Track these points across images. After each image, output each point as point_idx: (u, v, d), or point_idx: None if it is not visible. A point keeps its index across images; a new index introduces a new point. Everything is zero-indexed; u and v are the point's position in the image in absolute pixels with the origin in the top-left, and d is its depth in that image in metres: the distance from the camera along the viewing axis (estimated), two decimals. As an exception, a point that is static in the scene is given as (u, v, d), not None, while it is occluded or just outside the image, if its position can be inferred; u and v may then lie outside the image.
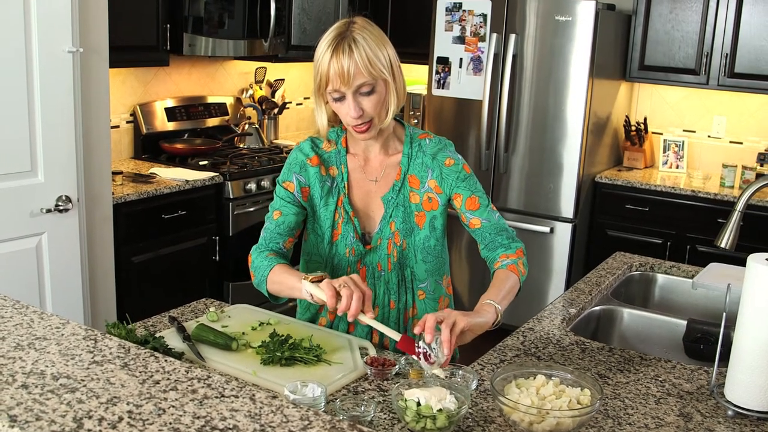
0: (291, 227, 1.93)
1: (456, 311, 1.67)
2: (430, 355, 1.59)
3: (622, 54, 4.61)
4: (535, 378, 1.62)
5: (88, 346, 1.32)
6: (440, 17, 4.51)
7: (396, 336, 1.65)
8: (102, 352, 1.30)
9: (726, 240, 2.10)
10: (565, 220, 4.42)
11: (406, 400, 1.49)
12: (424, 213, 1.93)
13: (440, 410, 1.46)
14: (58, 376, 1.21)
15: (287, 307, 4.27)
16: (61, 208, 2.89)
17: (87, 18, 2.94)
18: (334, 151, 1.95)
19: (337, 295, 1.64)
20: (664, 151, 4.77)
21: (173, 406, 1.12)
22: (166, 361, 1.27)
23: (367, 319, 1.65)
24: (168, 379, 1.21)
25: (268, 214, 1.97)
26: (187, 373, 1.23)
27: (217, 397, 1.16)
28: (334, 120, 1.92)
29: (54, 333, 1.37)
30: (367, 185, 1.94)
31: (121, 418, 1.09)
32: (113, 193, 3.28)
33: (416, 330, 1.61)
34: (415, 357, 1.62)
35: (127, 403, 1.13)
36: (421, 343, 1.60)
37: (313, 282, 1.71)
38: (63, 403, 1.12)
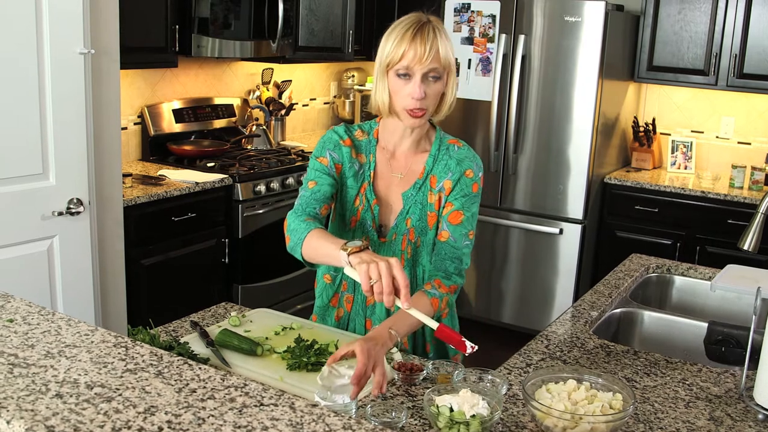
0: (326, 196, 1.93)
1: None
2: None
3: (630, 55, 4.59)
4: (565, 383, 1.60)
5: (119, 353, 1.30)
6: (449, 18, 4.49)
7: (434, 324, 1.59)
8: (134, 359, 1.28)
9: (749, 242, 2.09)
10: (575, 221, 4.40)
11: (438, 407, 1.47)
12: (435, 213, 1.96)
13: (473, 416, 1.44)
14: (92, 384, 1.19)
15: (311, 303, 4.24)
16: (72, 210, 2.87)
17: (98, 19, 2.91)
18: (365, 140, 1.99)
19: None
20: (673, 152, 4.76)
21: (212, 416, 1.10)
22: (200, 368, 1.25)
23: (404, 307, 1.56)
24: (204, 387, 1.19)
25: (302, 186, 1.97)
26: (223, 381, 1.21)
27: (256, 406, 1.14)
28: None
29: (83, 340, 1.35)
30: (390, 178, 1.97)
31: (161, 429, 1.06)
32: (123, 196, 3.25)
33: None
34: (451, 345, 1.60)
35: (165, 413, 1.11)
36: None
37: (352, 254, 1.61)
38: (100, 413, 1.10)
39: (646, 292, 2.68)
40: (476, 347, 1.58)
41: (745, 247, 2.09)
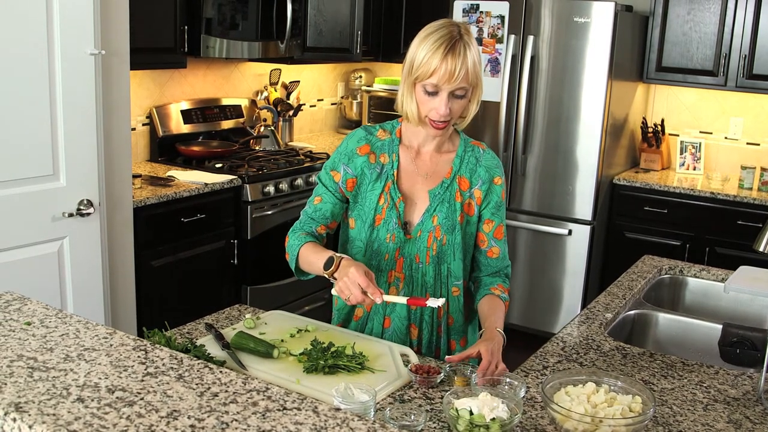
0: (326, 216, 2.00)
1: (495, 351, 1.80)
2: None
3: (639, 55, 4.58)
4: (584, 385, 1.59)
5: (139, 357, 1.29)
6: (457, 19, 4.48)
7: (403, 300, 1.83)
8: (154, 363, 1.27)
9: (764, 244, 2.07)
10: (583, 222, 4.39)
11: (457, 410, 1.46)
12: (463, 214, 1.97)
13: (493, 419, 1.43)
14: (113, 388, 1.18)
15: (320, 304, 4.25)
16: (83, 212, 2.86)
17: (108, 20, 2.91)
18: (387, 139, 2.00)
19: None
20: (681, 153, 4.74)
21: (236, 420, 1.10)
22: (221, 372, 1.24)
23: (379, 301, 1.73)
24: (226, 391, 1.18)
25: (310, 199, 2.04)
26: (245, 384, 1.21)
27: (279, 410, 1.13)
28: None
29: (102, 343, 1.34)
30: (415, 177, 1.98)
31: (184, 433, 1.06)
32: (133, 197, 3.25)
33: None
34: (430, 303, 1.77)
35: (188, 417, 1.10)
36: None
37: (332, 275, 1.81)
38: (122, 417, 1.10)
39: (658, 293, 2.67)
40: (443, 300, 1.77)
41: (761, 249, 2.07)
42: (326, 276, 1.83)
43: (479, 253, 2.04)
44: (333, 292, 1.83)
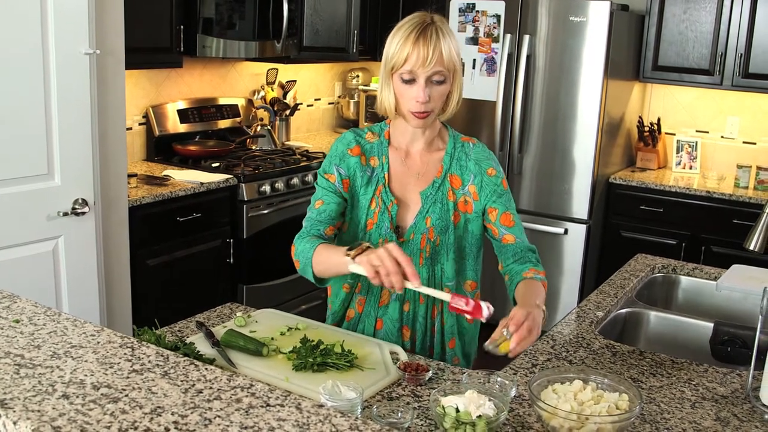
0: (332, 216, 1.94)
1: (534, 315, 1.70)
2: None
3: (635, 54, 4.58)
4: (571, 383, 1.60)
5: (125, 354, 1.30)
6: (453, 18, 4.49)
7: (446, 297, 1.69)
8: (140, 360, 1.28)
9: (755, 242, 2.08)
10: (579, 221, 4.40)
11: (444, 407, 1.47)
12: (459, 213, 1.95)
13: (479, 417, 1.44)
14: (98, 385, 1.19)
15: (316, 303, 4.26)
16: (78, 211, 2.87)
17: (103, 20, 2.92)
18: (376, 142, 1.99)
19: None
20: (677, 152, 4.75)
21: (219, 416, 1.10)
22: (206, 369, 1.25)
23: (413, 286, 1.66)
24: (210, 388, 1.19)
25: (310, 205, 1.99)
26: (230, 381, 1.21)
27: (262, 407, 1.14)
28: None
29: (90, 341, 1.35)
30: (406, 178, 1.96)
31: (167, 429, 1.06)
32: (128, 196, 3.26)
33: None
34: (468, 316, 1.68)
35: (172, 413, 1.11)
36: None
37: (355, 257, 1.71)
38: (106, 414, 1.10)
39: (651, 292, 2.68)
40: (492, 308, 1.69)
41: (751, 247, 2.08)
42: (347, 258, 1.72)
43: (496, 244, 1.99)
44: (351, 267, 1.72)
